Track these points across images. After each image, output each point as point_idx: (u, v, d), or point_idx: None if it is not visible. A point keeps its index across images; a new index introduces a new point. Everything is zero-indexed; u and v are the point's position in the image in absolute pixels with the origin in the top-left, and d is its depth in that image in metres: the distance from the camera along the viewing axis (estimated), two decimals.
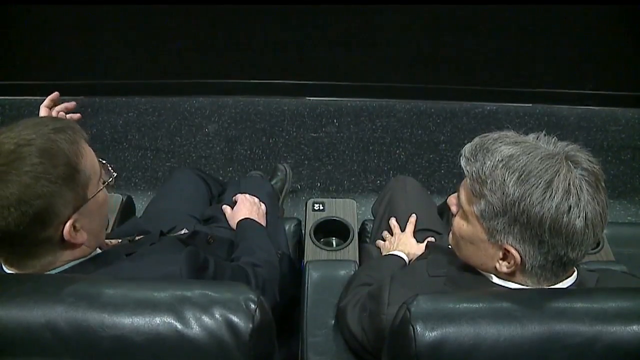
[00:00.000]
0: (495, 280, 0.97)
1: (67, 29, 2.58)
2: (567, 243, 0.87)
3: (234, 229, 1.52)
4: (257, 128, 2.70)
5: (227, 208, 1.62)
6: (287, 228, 1.73)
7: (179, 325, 0.76)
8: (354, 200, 1.74)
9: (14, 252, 0.92)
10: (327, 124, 2.72)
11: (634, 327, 0.78)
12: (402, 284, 1.04)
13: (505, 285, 0.96)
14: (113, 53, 2.70)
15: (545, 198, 0.85)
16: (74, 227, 0.92)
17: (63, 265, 0.95)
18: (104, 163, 1.02)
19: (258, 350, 0.79)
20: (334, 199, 1.73)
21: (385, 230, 1.58)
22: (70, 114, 1.32)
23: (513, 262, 0.91)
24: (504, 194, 0.87)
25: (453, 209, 1.03)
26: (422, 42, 2.63)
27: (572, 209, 0.85)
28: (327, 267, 1.45)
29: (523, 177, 0.86)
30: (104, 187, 1.00)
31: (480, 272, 1.00)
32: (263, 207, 1.64)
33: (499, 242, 0.91)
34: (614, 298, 0.85)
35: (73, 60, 2.69)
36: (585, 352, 0.77)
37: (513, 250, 0.90)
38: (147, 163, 2.55)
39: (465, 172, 0.94)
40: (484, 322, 0.78)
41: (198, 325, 0.77)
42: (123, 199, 1.76)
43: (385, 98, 2.83)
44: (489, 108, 2.81)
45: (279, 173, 2.26)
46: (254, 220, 1.53)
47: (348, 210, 1.69)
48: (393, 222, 1.57)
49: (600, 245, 1.58)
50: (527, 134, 0.95)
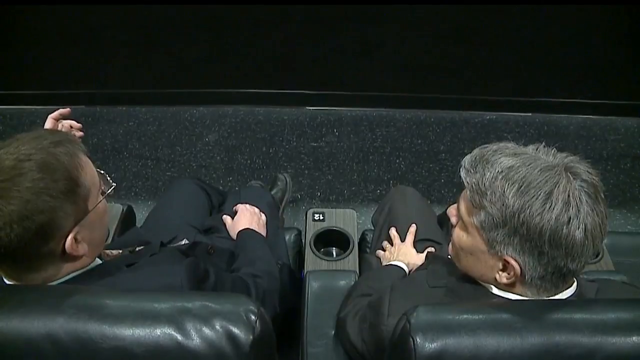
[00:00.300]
0: (495, 291, 0.97)
1: (68, 39, 2.59)
2: (566, 254, 0.87)
3: (234, 239, 1.52)
4: (257, 138, 2.70)
5: (227, 218, 1.62)
6: (287, 238, 1.72)
7: (180, 337, 0.76)
8: (354, 210, 1.74)
9: (16, 266, 0.91)
10: (327, 134, 2.73)
11: (634, 338, 0.78)
12: (402, 295, 1.04)
13: (505, 296, 0.96)
14: (114, 62, 2.71)
15: (545, 209, 0.85)
16: (75, 239, 0.92)
17: (64, 277, 0.95)
18: (102, 173, 1.02)
19: None
20: (334, 209, 1.73)
21: (385, 241, 1.58)
22: (74, 131, 1.32)
23: (513, 273, 0.92)
24: (504, 206, 0.88)
25: (453, 220, 1.03)
26: (421, 51, 2.64)
27: (571, 221, 0.85)
28: (327, 277, 1.44)
29: (523, 188, 0.87)
30: (104, 197, 1.00)
31: (480, 282, 1.00)
32: (263, 217, 1.64)
33: (499, 253, 0.92)
34: (614, 309, 0.84)
35: (74, 70, 2.70)
36: None
37: (513, 262, 0.90)
38: (147, 172, 2.56)
39: (465, 183, 0.94)
40: (484, 333, 0.78)
41: (198, 337, 0.77)
42: (123, 209, 1.76)
43: (385, 107, 2.83)
44: (489, 117, 2.82)
45: (279, 183, 2.26)
46: (254, 231, 1.53)
47: (348, 220, 1.69)
48: (393, 232, 1.57)
49: (600, 255, 1.58)
50: (526, 144, 0.95)
